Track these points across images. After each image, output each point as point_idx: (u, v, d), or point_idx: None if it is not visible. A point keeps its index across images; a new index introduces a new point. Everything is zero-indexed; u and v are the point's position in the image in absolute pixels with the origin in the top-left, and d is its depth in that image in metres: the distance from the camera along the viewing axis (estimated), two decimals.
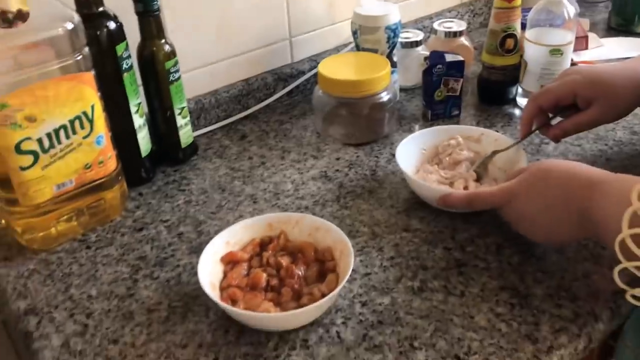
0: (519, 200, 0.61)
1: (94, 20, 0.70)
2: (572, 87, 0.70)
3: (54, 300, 0.63)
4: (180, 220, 0.74)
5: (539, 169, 0.61)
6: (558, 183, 0.58)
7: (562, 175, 0.58)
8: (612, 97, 0.69)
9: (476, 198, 0.65)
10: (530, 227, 0.62)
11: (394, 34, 0.91)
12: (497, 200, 0.63)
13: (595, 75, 0.70)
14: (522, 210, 0.61)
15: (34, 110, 0.62)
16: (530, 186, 0.61)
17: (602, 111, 0.69)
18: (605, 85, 0.69)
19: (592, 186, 0.55)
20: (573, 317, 0.58)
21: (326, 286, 0.59)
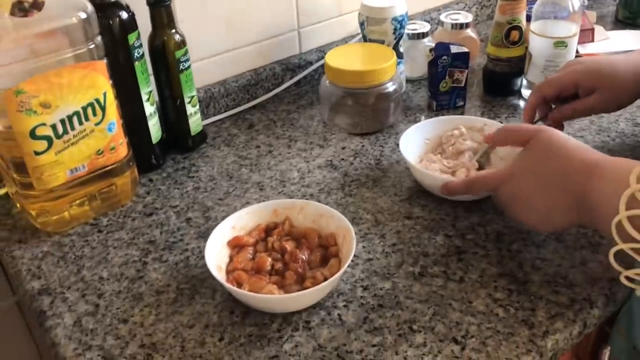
0: (515, 179, 0.61)
1: (107, 10, 0.72)
2: (574, 77, 0.71)
3: (67, 281, 0.66)
4: (189, 206, 0.76)
5: (538, 149, 0.60)
6: (556, 164, 0.58)
7: (561, 157, 0.58)
8: (613, 88, 0.70)
9: (475, 181, 0.66)
10: (524, 209, 0.61)
11: (400, 25, 0.92)
12: (494, 181, 0.63)
13: (597, 66, 0.71)
14: (518, 189, 0.61)
15: (49, 96, 0.64)
16: (527, 166, 0.61)
17: (602, 100, 0.70)
18: (607, 76, 0.70)
19: (590, 169, 0.55)
20: (569, 303, 0.59)
21: (328, 270, 0.61)
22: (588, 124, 0.88)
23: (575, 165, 0.57)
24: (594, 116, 0.90)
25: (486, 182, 0.65)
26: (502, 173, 0.63)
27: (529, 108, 0.76)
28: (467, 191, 0.67)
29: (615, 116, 0.90)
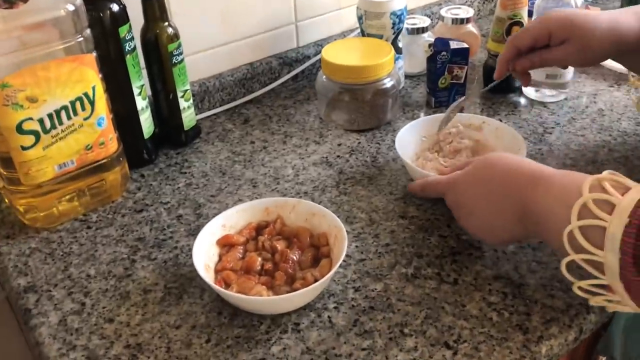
0: (460, 189, 0.61)
1: (98, 2, 0.71)
2: (546, 26, 0.69)
3: (54, 278, 0.64)
4: (180, 203, 0.75)
5: (484, 160, 0.61)
6: (501, 175, 0.58)
7: (506, 168, 0.58)
8: (585, 39, 0.67)
9: (426, 185, 0.67)
10: (467, 219, 0.61)
11: (399, 20, 0.90)
12: (442, 188, 0.64)
13: (570, 17, 0.68)
14: (462, 199, 0.61)
15: (36, 90, 0.63)
16: (473, 176, 0.60)
17: (573, 51, 0.68)
18: (579, 26, 0.67)
19: (536, 181, 0.54)
20: (565, 307, 0.58)
21: (319, 271, 0.59)
22: (590, 122, 0.87)
23: (519, 176, 0.56)
24: (596, 115, 0.88)
25: (435, 187, 0.65)
26: (449, 180, 0.63)
27: (503, 60, 0.74)
28: (421, 194, 0.68)
29: (618, 115, 0.88)
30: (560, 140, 0.83)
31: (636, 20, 0.67)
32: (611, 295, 0.50)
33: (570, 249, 0.50)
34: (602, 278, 0.49)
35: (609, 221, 0.46)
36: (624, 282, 0.46)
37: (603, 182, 0.49)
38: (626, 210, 0.46)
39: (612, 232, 0.46)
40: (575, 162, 0.78)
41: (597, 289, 0.51)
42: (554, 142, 0.83)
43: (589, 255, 0.48)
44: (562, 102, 0.92)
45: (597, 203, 0.48)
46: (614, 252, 0.46)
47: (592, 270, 0.49)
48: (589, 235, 0.48)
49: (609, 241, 0.46)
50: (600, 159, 0.79)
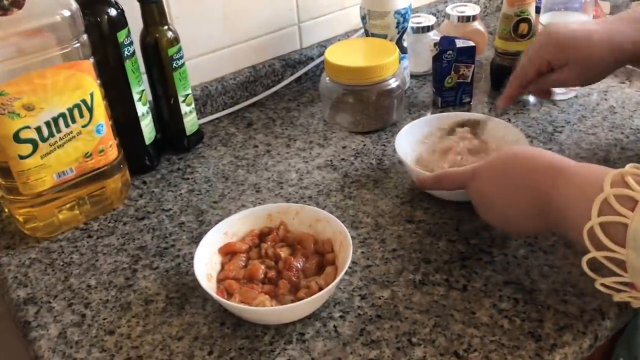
0: (481, 180, 0.60)
1: (95, 7, 0.70)
2: (544, 56, 0.68)
3: (54, 289, 0.63)
4: (182, 210, 0.73)
5: (506, 153, 0.60)
6: (521, 167, 0.56)
7: (526, 160, 0.57)
8: (584, 61, 0.67)
9: (444, 176, 0.65)
10: (487, 208, 0.60)
11: (403, 18, 0.88)
12: (462, 178, 0.62)
13: (567, 40, 0.67)
14: (483, 190, 0.60)
15: (32, 98, 0.62)
16: (494, 167, 0.59)
17: (574, 74, 0.68)
18: (576, 50, 0.66)
19: (556, 173, 0.53)
20: (579, 313, 0.56)
21: (324, 279, 0.58)
22: (601, 120, 0.84)
23: (540, 168, 0.54)
24: (608, 113, 0.86)
25: (454, 178, 0.63)
26: (469, 171, 0.61)
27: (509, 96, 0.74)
28: (436, 186, 0.66)
29: (630, 112, 0.86)
30: (571, 139, 0.81)
31: (631, 29, 0.65)
32: (635, 293, 0.48)
33: (590, 246, 0.48)
34: (625, 275, 0.47)
35: (631, 218, 0.45)
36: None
37: (626, 177, 0.47)
38: None
39: (634, 229, 0.44)
40: (586, 162, 0.75)
41: (621, 286, 0.49)
42: (565, 141, 0.80)
43: (610, 252, 0.47)
44: (572, 99, 0.90)
45: (618, 198, 0.46)
46: (636, 249, 0.44)
47: (614, 267, 0.47)
48: (610, 231, 0.46)
49: (631, 239, 0.44)
50: (613, 157, 0.77)
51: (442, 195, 0.70)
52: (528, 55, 0.71)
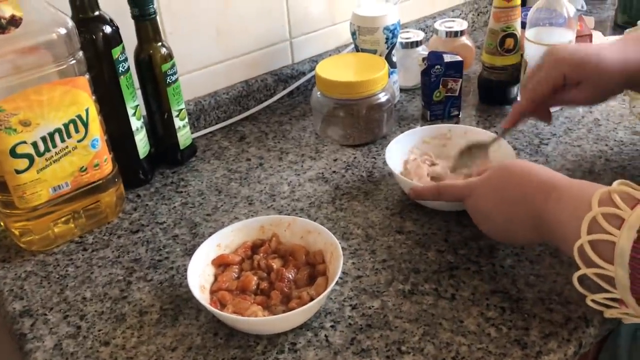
0: (478, 195, 0.62)
1: (90, 24, 0.71)
2: (560, 72, 0.67)
3: (49, 302, 0.64)
4: (176, 222, 0.75)
5: (500, 168, 0.61)
6: (515, 182, 0.58)
7: (520, 177, 0.58)
8: (598, 81, 0.67)
9: (444, 189, 0.66)
10: (485, 222, 0.62)
11: (392, 34, 0.91)
12: (460, 193, 0.64)
13: (583, 60, 0.67)
14: (479, 205, 0.62)
15: (29, 114, 0.63)
16: (489, 182, 0.61)
17: (588, 93, 0.68)
18: (592, 69, 0.66)
19: (549, 190, 0.54)
20: (564, 321, 0.57)
21: (315, 290, 0.59)
22: (586, 132, 0.86)
23: (533, 184, 0.56)
24: (592, 125, 0.88)
25: (454, 192, 0.65)
26: (467, 185, 0.63)
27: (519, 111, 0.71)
28: (436, 197, 0.67)
29: (614, 124, 0.88)
30: (557, 151, 0.83)
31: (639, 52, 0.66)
32: (624, 309, 0.49)
33: (581, 263, 0.50)
34: (614, 292, 0.48)
35: (618, 236, 0.46)
36: (635, 297, 0.46)
37: (613, 195, 0.48)
38: (634, 225, 0.45)
39: (621, 247, 0.46)
40: (572, 173, 0.78)
41: (611, 302, 0.50)
42: (550, 153, 0.82)
43: (599, 269, 0.48)
44: (557, 112, 0.92)
45: (606, 217, 0.48)
46: (623, 266, 0.46)
47: (603, 284, 0.49)
48: (599, 249, 0.48)
49: (618, 256, 0.46)
50: (597, 169, 0.79)
51: (432, 205, 0.72)
52: (541, 72, 0.69)
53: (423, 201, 0.72)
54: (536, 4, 0.88)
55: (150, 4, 0.75)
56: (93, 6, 0.71)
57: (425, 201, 0.72)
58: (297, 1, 0.98)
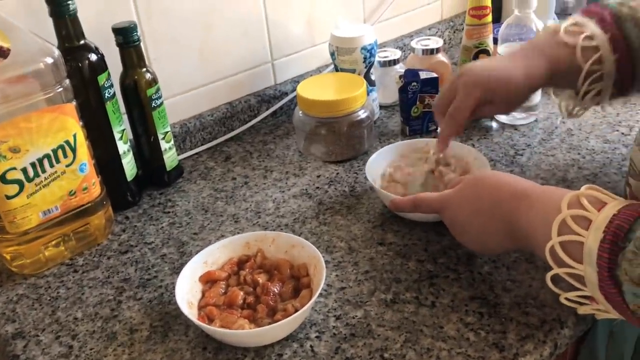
0: (452, 207, 0.64)
1: (76, 53, 0.74)
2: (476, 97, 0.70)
3: (41, 323, 0.66)
4: (164, 242, 0.77)
5: (473, 179, 0.64)
6: (488, 192, 0.61)
7: (491, 186, 0.61)
8: (509, 96, 0.72)
9: (420, 202, 0.68)
10: (461, 233, 0.64)
11: (370, 54, 0.94)
12: (436, 205, 0.66)
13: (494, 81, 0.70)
14: (454, 216, 0.64)
15: (18, 141, 0.65)
16: (462, 194, 0.63)
17: (498, 107, 0.73)
18: (503, 89, 0.71)
19: (519, 198, 0.57)
20: (539, 324, 0.60)
21: (300, 301, 0.61)
22: (559, 142, 0.90)
23: (505, 193, 0.59)
24: (565, 135, 0.91)
25: (430, 204, 0.67)
26: (442, 197, 0.66)
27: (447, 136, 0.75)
28: (413, 209, 0.69)
29: (586, 134, 0.91)
30: (532, 161, 0.86)
31: (545, 61, 0.70)
32: (595, 305, 0.52)
33: (553, 263, 0.52)
34: (585, 290, 0.51)
35: (586, 236, 0.49)
36: (604, 294, 0.49)
37: (581, 198, 0.51)
38: (601, 226, 0.48)
39: (589, 246, 0.48)
40: (546, 182, 0.81)
41: (583, 299, 0.53)
42: (525, 164, 0.85)
43: (570, 269, 0.50)
44: (532, 124, 0.95)
45: (575, 219, 0.50)
46: (592, 265, 0.48)
47: (574, 282, 0.51)
48: (569, 249, 0.50)
49: (587, 255, 0.48)
50: (571, 177, 0.82)
51: (411, 216, 0.74)
52: (459, 96, 0.72)
53: (403, 213, 0.74)
54: (506, 20, 0.92)
55: (134, 32, 0.78)
56: (78, 35, 0.74)
57: (404, 213, 0.74)
58: (277, 24, 1.01)
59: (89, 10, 0.78)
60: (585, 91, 0.71)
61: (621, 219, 0.47)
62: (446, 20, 1.28)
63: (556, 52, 0.70)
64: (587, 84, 0.70)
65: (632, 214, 0.47)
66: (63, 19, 0.72)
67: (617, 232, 0.47)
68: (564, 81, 0.72)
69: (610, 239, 0.47)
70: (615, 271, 0.47)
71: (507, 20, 0.92)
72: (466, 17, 0.94)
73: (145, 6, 0.86)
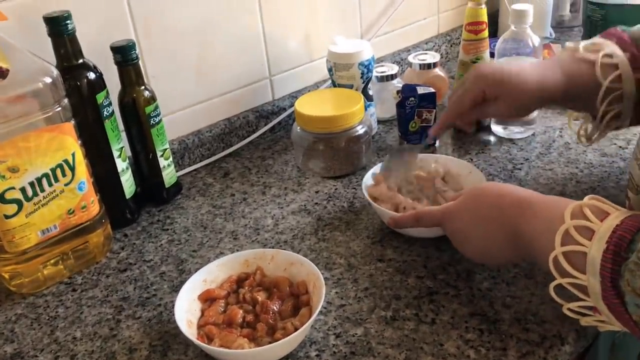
0: (454, 219, 0.64)
1: (75, 72, 0.74)
2: (481, 86, 0.72)
3: (40, 343, 0.65)
4: (163, 260, 0.76)
5: (475, 190, 0.64)
6: (490, 203, 0.61)
7: (494, 196, 0.61)
8: (515, 96, 0.72)
9: (422, 216, 0.68)
10: (464, 245, 0.64)
11: (367, 69, 0.94)
12: (437, 218, 0.66)
13: (502, 75, 0.72)
14: (458, 229, 0.64)
15: (17, 161, 0.65)
16: (464, 205, 0.63)
17: (505, 106, 0.73)
18: (509, 85, 0.71)
19: (522, 207, 0.57)
20: (540, 340, 0.59)
21: (299, 320, 0.61)
22: (557, 156, 0.90)
23: (508, 203, 0.59)
24: (563, 149, 0.91)
25: (431, 217, 0.67)
26: (444, 210, 0.66)
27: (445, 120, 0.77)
28: (415, 224, 0.69)
29: (584, 147, 0.91)
30: (530, 175, 0.86)
31: (562, 75, 0.71)
32: (598, 316, 0.52)
33: (556, 273, 0.52)
34: (588, 300, 0.51)
35: (589, 247, 0.49)
36: (607, 304, 0.49)
37: (584, 208, 0.51)
38: (604, 236, 0.48)
39: (592, 257, 0.48)
40: None
41: (586, 310, 0.53)
42: (524, 178, 0.86)
43: (573, 279, 0.51)
44: (530, 137, 0.96)
45: (578, 229, 0.50)
46: (595, 275, 0.48)
47: (578, 293, 0.51)
48: (573, 260, 0.51)
49: (590, 266, 0.49)
50: (569, 191, 0.82)
51: (411, 232, 0.74)
52: (464, 86, 0.74)
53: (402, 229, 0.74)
54: (503, 35, 0.93)
55: (133, 50, 0.78)
56: (77, 54, 0.74)
57: (404, 229, 0.74)
58: (275, 40, 1.02)
59: (87, 28, 0.78)
60: (604, 112, 0.70)
61: (624, 230, 0.47)
62: (443, 34, 1.29)
63: (574, 67, 0.70)
64: (606, 103, 0.69)
65: (635, 224, 0.47)
66: (62, 38, 0.72)
67: (619, 243, 0.47)
68: (581, 100, 0.72)
69: (613, 249, 0.47)
70: (618, 282, 0.47)
71: (504, 35, 0.92)
72: (463, 32, 0.95)
73: (143, 24, 0.86)
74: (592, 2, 1.17)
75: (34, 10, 0.74)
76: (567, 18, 1.41)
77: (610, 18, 1.16)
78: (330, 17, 1.08)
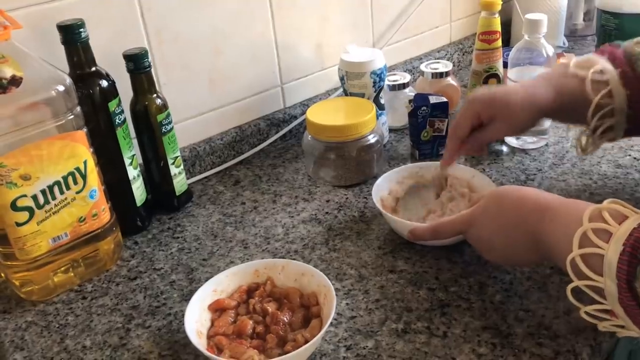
0: (477, 225, 0.64)
1: (87, 80, 0.74)
2: (475, 110, 0.74)
3: (50, 351, 0.65)
4: (173, 268, 0.76)
5: (494, 195, 0.64)
6: (510, 207, 0.61)
7: (514, 200, 0.61)
8: (509, 114, 0.73)
9: (440, 228, 0.68)
10: (488, 250, 0.64)
11: (379, 78, 0.94)
12: (458, 227, 0.66)
13: (491, 98, 0.74)
14: (480, 234, 0.64)
15: (29, 168, 0.65)
16: (486, 211, 0.64)
17: (502, 126, 0.74)
18: (500, 107, 0.73)
19: (542, 210, 0.57)
20: (553, 355, 0.58)
21: (310, 332, 0.60)
22: (570, 167, 0.89)
23: (528, 207, 0.59)
24: (576, 159, 0.91)
25: (452, 227, 0.67)
26: (464, 218, 0.66)
27: (451, 151, 0.77)
28: (434, 236, 0.69)
29: (598, 158, 0.90)
30: (543, 186, 0.85)
31: (553, 90, 0.72)
32: (615, 320, 0.52)
33: (573, 275, 0.52)
34: (605, 303, 0.51)
35: (606, 249, 0.49)
36: (623, 306, 0.49)
37: (603, 211, 0.52)
38: (621, 239, 0.48)
39: (609, 259, 0.49)
40: None
41: (603, 314, 0.53)
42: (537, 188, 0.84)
43: (590, 281, 0.51)
44: (543, 148, 0.95)
45: (596, 232, 0.51)
46: (611, 278, 0.49)
47: (595, 295, 0.52)
48: (590, 262, 0.51)
49: (607, 268, 0.49)
50: None
51: (425, 242, 0.73)
52: (460, 112, 0.76)
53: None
54: (517, 44, 0.92)
55: (145, 58, 0.78)
56: (90, 62, 0.74)
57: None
58: (287, 48, 1.02)
59: (100, 36, 0.78)
60: (595, 126, 0.71)
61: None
62: (455, 43, 1.28)
63: (564, 82, 0.72)
64: (597, 118, 0.70)
65: None
66: (75, 46, 0.72)
67: (635, 245, 0.47)
68: (574, 114, 0.73)
69: (630, 252, 0.47)
70: (633, 283, 0.47)
71: (517, 44, 0.92)
72: (476, 42, 0.94)
73: (156, 32, 0.87)
74: (606, 11, 1.17)
75: (47, 18, 0.74)
76: (581, 27, 1.40)
77: (624, 27, 1.16)
78: (342, 25, 1.08)
